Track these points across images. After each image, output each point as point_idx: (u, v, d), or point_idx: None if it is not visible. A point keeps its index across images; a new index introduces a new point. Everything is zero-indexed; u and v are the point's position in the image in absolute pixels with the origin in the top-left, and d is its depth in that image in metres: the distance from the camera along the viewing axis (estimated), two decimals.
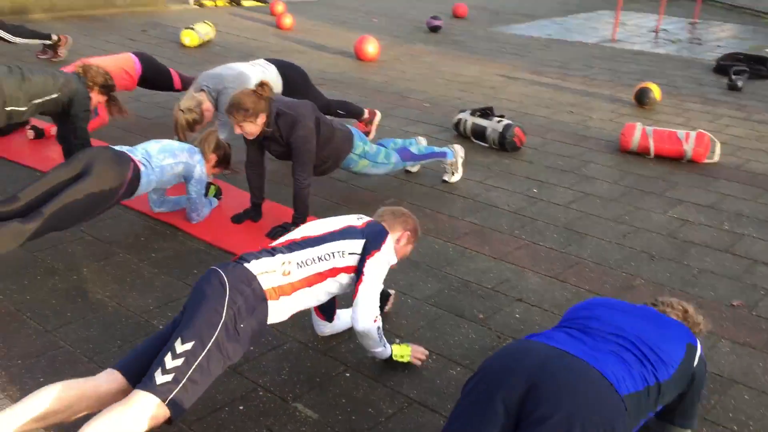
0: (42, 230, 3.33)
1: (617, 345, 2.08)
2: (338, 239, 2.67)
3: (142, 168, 3.62)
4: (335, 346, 3.02)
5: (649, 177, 5.19)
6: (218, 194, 4.41)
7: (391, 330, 3.15)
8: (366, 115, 5.63)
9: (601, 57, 9.68)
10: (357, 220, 2.79)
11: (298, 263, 2.58)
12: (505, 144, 5.57)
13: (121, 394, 2.23)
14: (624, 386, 1.94)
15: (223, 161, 4.20)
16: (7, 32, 6.97)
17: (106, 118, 5.11)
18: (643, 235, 4.23)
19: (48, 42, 7.58)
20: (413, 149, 4.64)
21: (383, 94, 7.16)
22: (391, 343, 2.90)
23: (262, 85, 3.75)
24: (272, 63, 4.95)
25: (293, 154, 3.92)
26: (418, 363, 2.89)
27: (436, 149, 4.79)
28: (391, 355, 2.84)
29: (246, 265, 2.51)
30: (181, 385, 2.20)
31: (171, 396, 2.17)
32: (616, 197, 4.80)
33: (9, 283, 3.40)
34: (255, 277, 2.47)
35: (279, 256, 2.58)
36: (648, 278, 3.73)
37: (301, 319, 3.17)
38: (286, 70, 4.95)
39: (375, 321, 2.68)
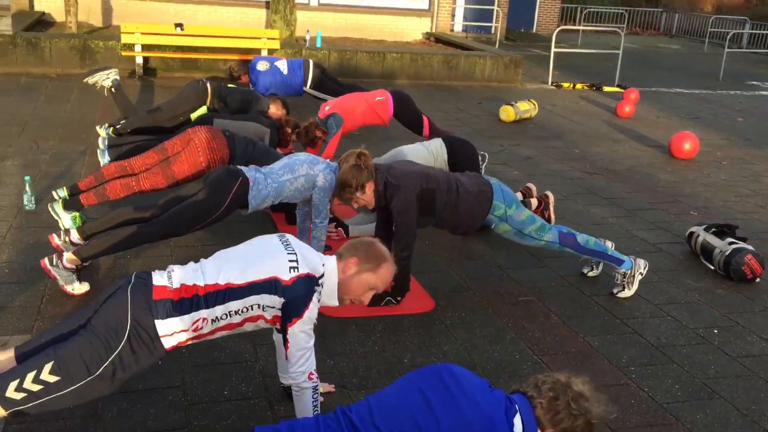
0: (159, 234, 3.88)
1: None
2: (259, 293, 2.47)
3: (251, 182, 3.88)
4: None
5: None
6: None
7: None
8: (533, 206, 5.11)
9: None
10: (289, 270, 2.49)
11: (213, 320, 2.47)
12: (729, 271, 4.54)
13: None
14: None
15: None
16: (325, 92, 8.01)
17: None
18: None
19: None
20: (579, 239, 4.07)
21: (655, 194, 6.38)
22: None
23: (359, 155, 3.75)
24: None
25: (393, 226, 3.83)
26: None
27: (611, 252, 4.15)
28: None
29: (157, 322, 2.37)
30: (28, 405, 2.24)
31: (14, 408, 2.24)
32: None
33: None
34: (159, 338, 2.38)
35: (196, 314, 2.43)
36: None
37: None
38: (453, 142, 4.86)
39: (311, 378, 2.53)
